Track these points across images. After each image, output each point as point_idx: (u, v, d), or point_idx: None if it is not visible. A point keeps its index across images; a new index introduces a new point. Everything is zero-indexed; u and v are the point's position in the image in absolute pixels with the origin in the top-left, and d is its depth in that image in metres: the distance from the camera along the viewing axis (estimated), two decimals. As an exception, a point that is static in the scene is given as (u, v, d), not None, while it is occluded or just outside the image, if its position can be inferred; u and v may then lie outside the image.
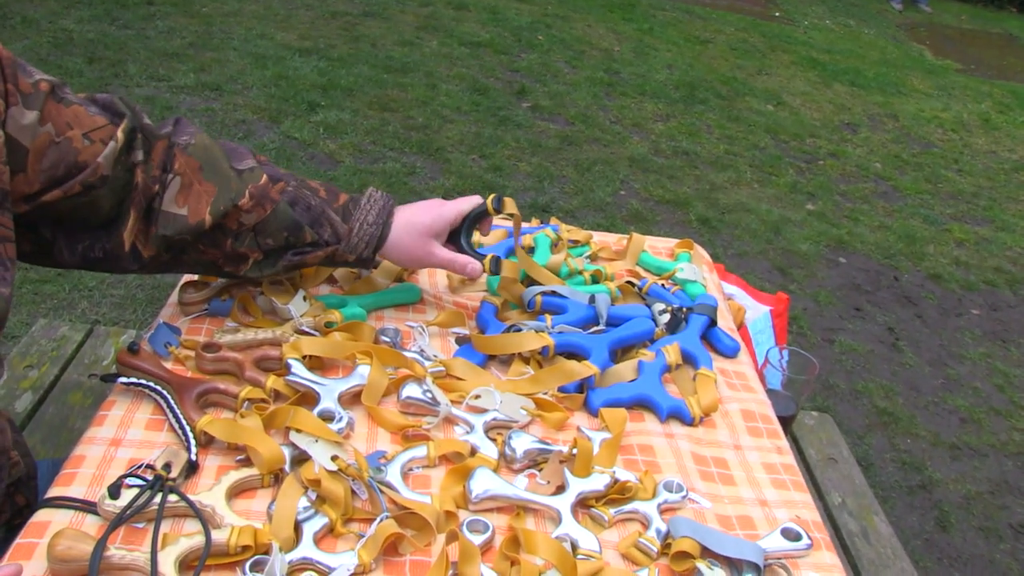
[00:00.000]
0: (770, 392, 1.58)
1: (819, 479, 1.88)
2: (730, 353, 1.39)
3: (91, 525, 0.88)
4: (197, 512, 0.88)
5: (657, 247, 1.68)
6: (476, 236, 1.39)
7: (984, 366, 3.67)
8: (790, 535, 1.01)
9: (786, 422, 1.68)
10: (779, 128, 5.62)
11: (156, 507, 0.88)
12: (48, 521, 0.88)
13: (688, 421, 1.20)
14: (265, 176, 1.14)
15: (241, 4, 5.96)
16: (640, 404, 1.21)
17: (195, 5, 5.79)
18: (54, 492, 0.91)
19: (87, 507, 0.89)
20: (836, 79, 6.87)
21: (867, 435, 3.10)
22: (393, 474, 0.99)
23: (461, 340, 1.28)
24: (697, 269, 1.57)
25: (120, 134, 1.02)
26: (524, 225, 1.65)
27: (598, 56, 6.21)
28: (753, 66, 6.78)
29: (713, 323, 1.39)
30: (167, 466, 0.92)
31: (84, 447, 0.98)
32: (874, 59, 7.71)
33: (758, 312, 2.16)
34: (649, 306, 1.40)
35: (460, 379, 1.18)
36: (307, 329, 1.22)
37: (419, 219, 1.22)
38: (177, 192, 1.08)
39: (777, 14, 8.69)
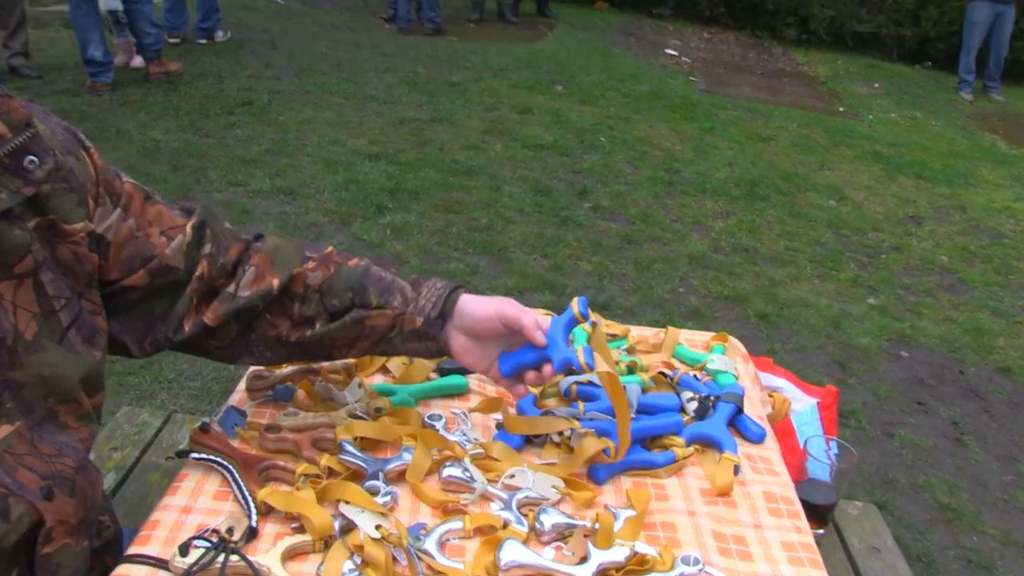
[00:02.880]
0: (811, 481, 1.64)
1: (861, 567, 1.91)
2: (756, 439, 1.47)
3: (164, 580, 1.01)
4: (255, 571, 1.00)
5: (693, 340, 1.78)
6: None
7: (1058, 462, 3.60)
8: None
9: (826, 510, 1.74)
10: (841, 223, 5.67)
11: (219, 565, 1.00)
12: (127, 575, 1.02)
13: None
14: (331, 248, 1.27)
15: (316, 112, 6.30)
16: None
17: (272, 114, 6.14)
18: (132, 550, 1.05)
19: (160, 564, 1.03)
20: (901, 172, 6.90)
21: (929, 531, 3.06)
22: (431, 543, 1.09)
23: (501, 425, 1.40)
24: (729, 361, 1.66)
25: (188, 229, 1.17)
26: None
27: (659, 156, 6.38)
28: (815, 161, 6.87)
29: (740, 410, 1.48)
30: (230, 530, 1.05)
31: (159, 513, 1.12)
32: (941, 151, 7.72)
33: (805, 404, 2.22)
34: (679, 395, 1.49)
35: (497, 460, 1.29)
36: (359, 413, 1.34)
37: (496, 297, 1.27)
38: (252, 280, 1.21)
39: (841, 109, 8.79)
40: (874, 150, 7.37)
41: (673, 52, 10.30)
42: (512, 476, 1.24)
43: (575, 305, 1.24)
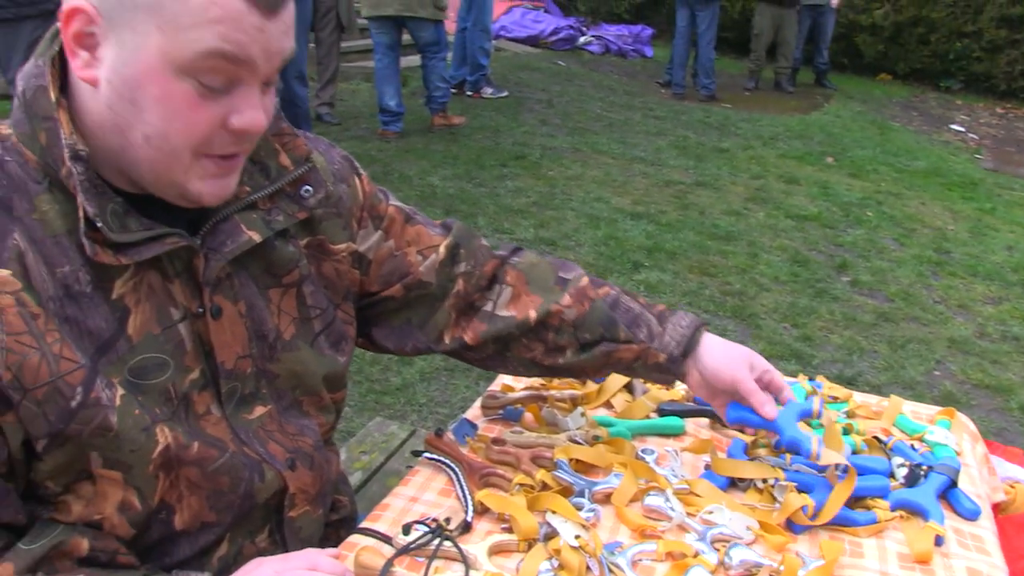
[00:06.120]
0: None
1: None
2: (969, 516, 1.42)
3: (387, 551, 1.18)
4: (463, 556, 1.14)
5: (919, 412, 1.76)
6: None
7: None
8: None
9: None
10: None
11: (434, 548, 1.16)
12: (357, 543, 1.21)
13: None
14: (587, 279, 1.37)
15: (584, 169, 6.56)
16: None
17: (542, 168, 6.47)
18: (365, 525, 1.24)
19: (385, 539, 1.21)
20: None
21: None
22: (623, 559, 1.19)
23: (709, 466, 1.47)
24: (953, 436, 1.63)
25: (442, 248, 1.32)
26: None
27: (929, 235, 6.12)
28: (1114, 250, 6.32)
29: (954, 484, 1.46)
30: (448, 520, 1.21)
31: (391, 498, 1.32)
32: None
33: (1049, 499, 2.12)
34: (890, 460, 1.50)
35: (699, 496, 1.37)
36: (578, 439, 1.47)
37: (738, 348, 1.35)
38: (508, 300, 1.35)
39: None
40: None
41: (959, 128, 9.83)
42: (710, 512, 1.32)
43: (815, 403, 1.37)
